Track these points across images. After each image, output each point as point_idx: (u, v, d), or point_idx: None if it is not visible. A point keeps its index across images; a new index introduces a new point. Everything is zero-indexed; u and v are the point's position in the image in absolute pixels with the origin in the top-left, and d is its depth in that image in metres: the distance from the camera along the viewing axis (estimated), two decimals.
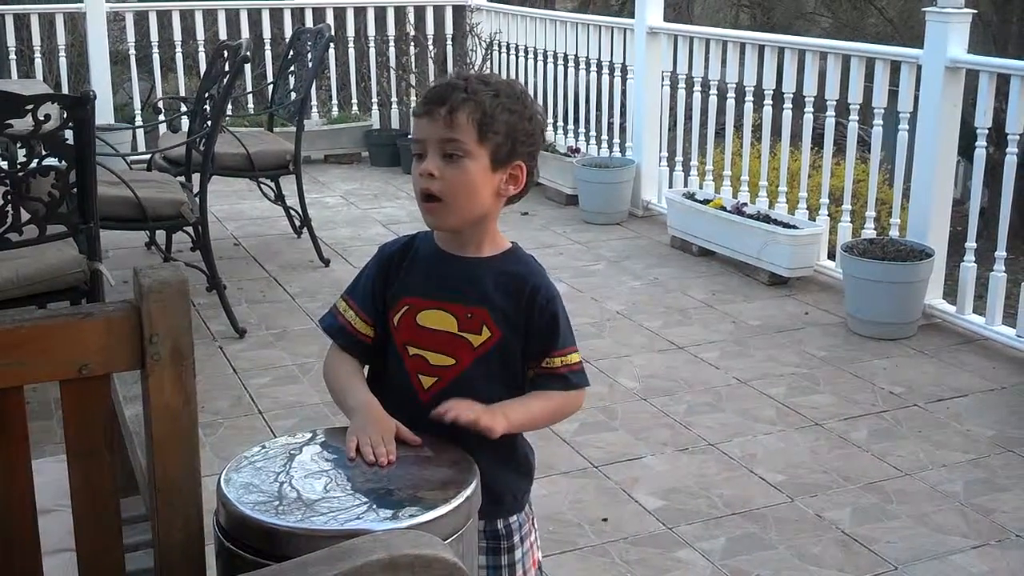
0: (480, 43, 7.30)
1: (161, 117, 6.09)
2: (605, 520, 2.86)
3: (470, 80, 1.63)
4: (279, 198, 5.25)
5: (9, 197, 2.82)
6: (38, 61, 7.03)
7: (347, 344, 1.73)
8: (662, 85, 5.91)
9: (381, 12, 7.71)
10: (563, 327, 1.69)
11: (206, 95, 4.33)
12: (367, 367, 1.75)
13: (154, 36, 7.20)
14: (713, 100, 5.50)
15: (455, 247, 1.70)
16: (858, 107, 4.69)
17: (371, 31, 7.61)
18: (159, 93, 7.32)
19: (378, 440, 1.57)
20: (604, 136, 6.46)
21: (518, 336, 1.67)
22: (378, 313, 1.71)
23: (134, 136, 7.06)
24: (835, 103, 4.82)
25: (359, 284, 1.74)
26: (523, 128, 1.64)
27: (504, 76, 7.27)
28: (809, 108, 4.94)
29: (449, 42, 7.72)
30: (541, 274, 1.71)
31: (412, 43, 7.72)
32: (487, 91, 1.61)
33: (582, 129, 6.66)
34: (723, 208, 5.14)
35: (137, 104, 7.43)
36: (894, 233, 4.53)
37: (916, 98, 4.37)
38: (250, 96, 7.53)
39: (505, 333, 1.66)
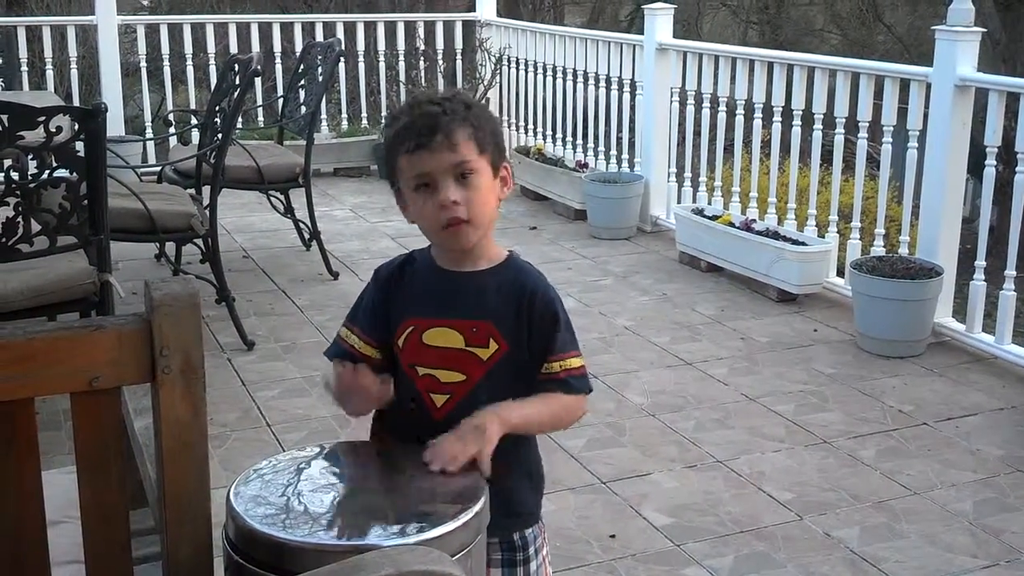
0: (490, 58, 7.33)
1: (172, 130, 6.12)
2: (613, 536, 2.85)
3: (440, 102, 1.63)
4: (288, 211, 5.27)
5: (20, 208, 2.83)
6: (49, 73, 7.06)
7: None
8: (671, 101, 5.91)
9: (391, 26, 7.75)
10: (563, 330, 1.68)
11: (216, 108, 4.34)
12: None
13: (165, 49, 7.24)
14: (722, 116, 5.51)
15: (454, 263, 1.69)
16: (867, 124, 4.69)
17: (381, 45, 7.64)
18: (170, 106, 7.35)
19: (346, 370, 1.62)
20: (613, 151, 6.47)
21: (524, 345, 1.67)
22: (382, 335, 1.70)
23: (144, 148, 7.07)
24: (844, 120, 4.82)
25: (359, 309, 1.74)
26: (499, 130, 1.71)
27: (513, 91, 7.34)
28: (818, 125, 4.95)
29: (459, 57, 7.74)
30: (540, 279, 1.71)
31: (422, 57, 7.74)
32: (459, 105, 1.63)
33: (591, 144, 6.67)
34: (732, 224, 5.14)
35: (148, 116, 7.46)
36: (903, 251, 4.53)
37: (925, 116, 4.37)
38: (260, 109, 7.55)
39: (512, 343, 1.66)
